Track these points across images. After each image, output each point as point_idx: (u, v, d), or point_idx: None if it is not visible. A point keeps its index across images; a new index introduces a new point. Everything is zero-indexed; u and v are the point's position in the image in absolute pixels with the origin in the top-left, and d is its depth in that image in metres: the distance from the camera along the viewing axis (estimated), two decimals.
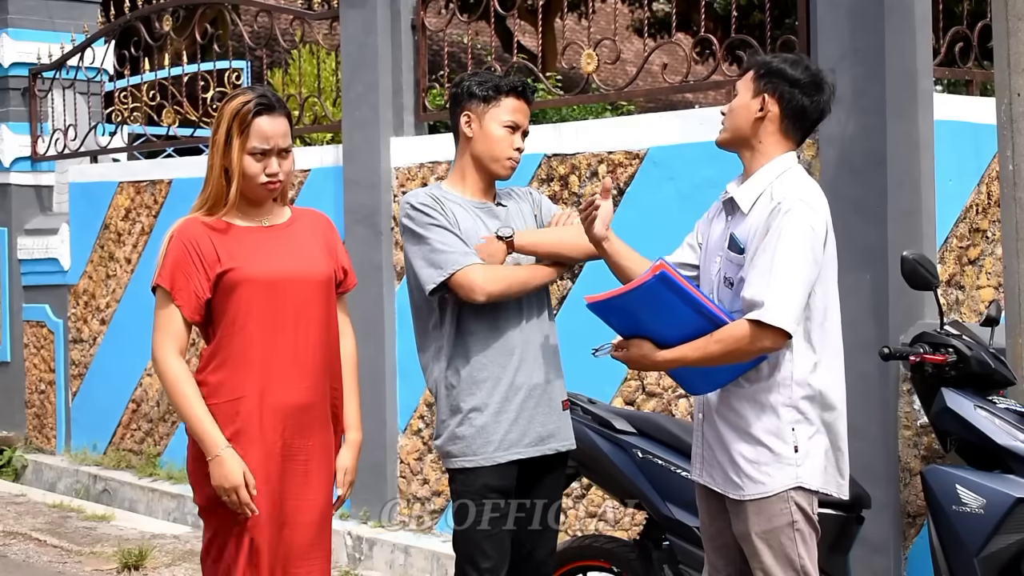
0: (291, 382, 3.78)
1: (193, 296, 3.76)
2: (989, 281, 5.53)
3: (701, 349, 3.54)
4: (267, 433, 3.74)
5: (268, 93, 3.82)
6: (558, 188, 6.27)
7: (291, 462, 3.78)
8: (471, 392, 3.97)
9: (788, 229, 3.50)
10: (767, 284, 3.48)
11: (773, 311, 3.46)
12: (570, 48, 15.90)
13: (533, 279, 4.02)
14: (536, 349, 4.04)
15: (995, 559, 3.98)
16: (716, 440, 3.68)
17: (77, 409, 9.29)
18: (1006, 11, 4.45)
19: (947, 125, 5.30)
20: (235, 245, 3.78)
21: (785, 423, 3.58)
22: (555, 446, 4.07)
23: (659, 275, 3.46)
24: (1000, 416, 4.12)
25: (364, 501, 6.89)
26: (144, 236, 8.69)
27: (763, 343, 3.50)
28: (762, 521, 3.59)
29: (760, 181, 3.65)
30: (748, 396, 3.62)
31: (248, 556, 3.71)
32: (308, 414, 3.81)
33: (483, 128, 4.06)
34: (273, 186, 3.80)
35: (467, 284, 3.90)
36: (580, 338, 5.72)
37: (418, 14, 7.03)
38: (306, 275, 3.83)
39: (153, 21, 8.99)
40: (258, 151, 3.75)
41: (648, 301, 3.52)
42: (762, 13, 7.87)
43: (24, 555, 7.17)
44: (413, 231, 3.99)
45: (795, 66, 3.69)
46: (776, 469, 3.58)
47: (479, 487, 3.95)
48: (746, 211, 3.63)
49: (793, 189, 3.59)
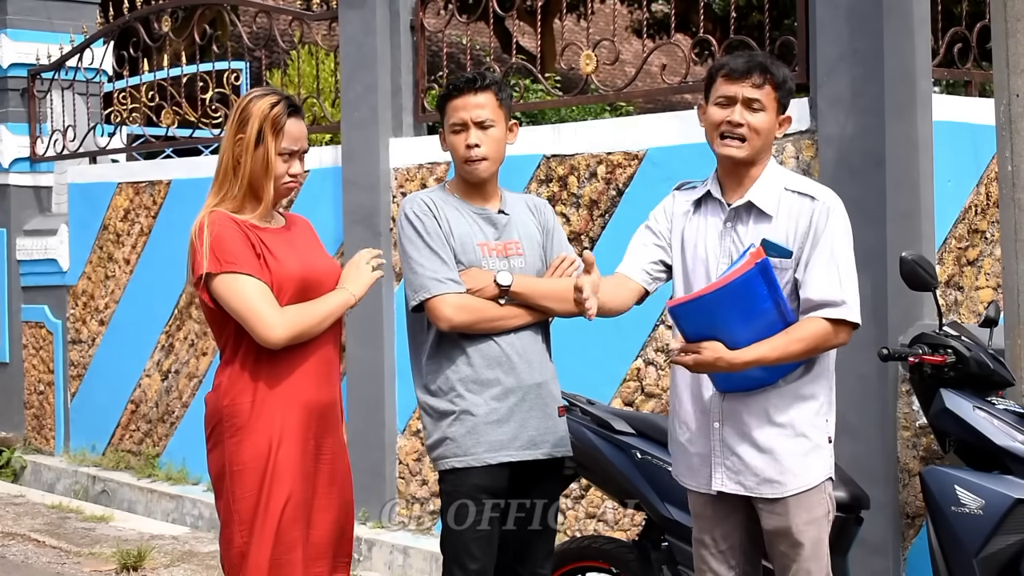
0: (321, 380, 3.81)
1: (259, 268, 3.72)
2: (988, 282, 5.54)
3: (781, 348, 3.56)
4: (302, 432, 3.75)
5: (292, 97, 3.89)
6: (557, 189, 6.27)
7: (319, 462, 3.80)
8: (462, 394, 3.95)
9: (838, 227, 3.63)
10: (837, 282, 3.58)
11: (852, 308, 3.59)
12: (569, 49, 15.89)
13: (506, 321, 3.98)
14: (529, 352, 4.02)
15: (994, 560, 3.98)
16: (746, 443, 3.66)
17: (76, 410, 9.29)
18: (1005, 12, 4.45)
19: (946, 126, 5.30)
20: (264, 244, 3.79)
21: (821, 414, 3.67)
22: (549, 451, 4.03)
23: (760, 264, 3.46)
24: (999, 417, 4.12)
25: (363, 502, 6.88)
26: (143, 237, 8.69)
27: (841, 339, 3.63)
28: (803, 513, 3.64)
29: (771, 184, 3.69)
30: (789, 392, 3.65)
31: (274, 551, 3.69)
32: (333, 412, 3.86)
33: (447, 142, 4.07)
34: (292, 186, 3.86)
35: (434, 312, 3.91)
36: (580, 339, 5.72)
37: (417, 15, 7.03)
38: (327, 273, 3.88)
39: (152, 22, 8.99)
40: (286, 152, 3.80)
41: (740, 295, 3.49)
42: (761, 14, 7.87)
43: (23, 556, 7.17)
44: (402, 243, 4.01)
45: (792, 80, 3.77)
46: (815, 460, 3.65)
47: (469, 488, 3.93)
48: (773, 214, 3.66)
49: (824, 190, 3.70)
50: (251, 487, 3.69)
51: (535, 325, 4.04)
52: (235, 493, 3.71)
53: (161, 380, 8.55)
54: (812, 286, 3.59)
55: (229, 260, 3.69)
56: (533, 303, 4.00)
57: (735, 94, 3.66)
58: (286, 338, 3.70)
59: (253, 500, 3.69)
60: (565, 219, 6.20)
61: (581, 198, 6.16)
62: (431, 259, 3.93)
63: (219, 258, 3.69)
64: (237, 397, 3.74)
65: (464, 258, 3.98)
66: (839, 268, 3.59)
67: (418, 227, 3.96)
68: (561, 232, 4.22)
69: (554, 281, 4.06)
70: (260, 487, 3.69)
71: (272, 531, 3.68)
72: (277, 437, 3.70)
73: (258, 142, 3.77)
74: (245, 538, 3.69)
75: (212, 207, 3.80)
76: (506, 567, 4.03)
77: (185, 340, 8.37)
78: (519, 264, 4.04)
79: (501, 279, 3.95)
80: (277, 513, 3.68)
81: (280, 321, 3.69)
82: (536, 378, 4.01)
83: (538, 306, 4.01)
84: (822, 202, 3.64)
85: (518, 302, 3.98)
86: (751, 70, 3.66)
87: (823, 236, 3.60)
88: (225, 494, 3.74)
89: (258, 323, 3.68)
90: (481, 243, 4.01)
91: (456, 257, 3.97)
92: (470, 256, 3.99)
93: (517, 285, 3.97)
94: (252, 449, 3.70)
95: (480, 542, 3.92)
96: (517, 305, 3.98)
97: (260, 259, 3.73)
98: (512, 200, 4.16)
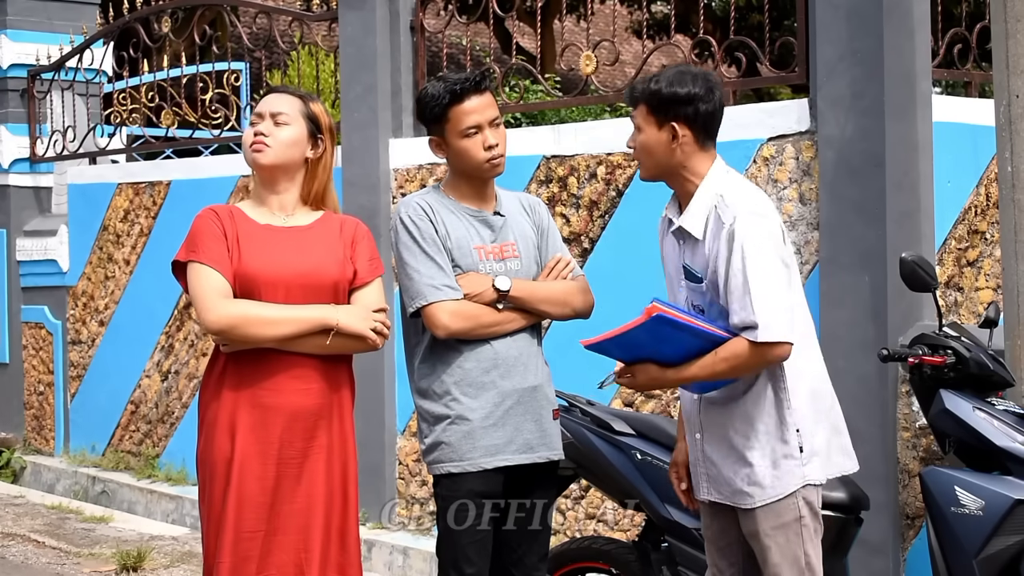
0: (293, 384, 3.79)
1: (229, 267, 3.75)
2: (988, 283, 5.53)
3: (708, 368, 3.57)
4: (272, 436, 3.76)
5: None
6: (557, 189, 6.27)
7: (288, 467, 3.79)
8: (457, 397, 3.91)
9: (749, 245, 3.53)
10: (750, 306, 3.51)
11: (768, 330, 3.51)
12: (569, 50, 15.89)
13: (503, 326, 3.93)
14: (524, 356, 3.98)
15: (994, 561, 3.98)
16: (721, 455, 3.69)
17: (76, 410, 9.28)
18: (1005, 12, 4.45)
19: (946, 127, 5.30)
20: (246, 240, 3.79)
21: (789, 426, 3.62)
22: (545, 454, 4.00)
23: (653, 318, 3.51)
24: (999, 418, 4.12)
25: (363, 502, 6.81)
26: (143, 237, 8.69)
27: (768, 358, 3.55)
28: (771, 519, 3.63)
29: (703, 203, 3.65)
30: (750, 406, 3.64)
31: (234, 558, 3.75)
32: (311, 417, 3.81)
33: (451, 148, 3.97)
34: (257, 147, 3.87)
35: (431, 320, 3.87)
36: (579, 340, 5.72)
37: (417, 15, 7.03)
38: (306, 277, 3.82)
39: (152, 22, 8.99)
40: (256, 118, 3.92)
41: (646, 337, 3.57)
42: (761, 15, 7.88)
43: (23, 556, 7.16)
44: (398, 248, 3.95)
45: (680, 83, 3.64)
46: (784, 472, 3.62)
47: (464, 492, 3.89)
48: (700, 237, 3.64)
49: (739, 203, 3.59)
50: (206, 483, 3.81)
51: (530, 328, 4.01)
52: (200, 486, 3.86)
53: (161, 381, 8.55)
54: (731, 311, 3.56)
55: (193, 250, 3.78)
56: (530, 307, 3.98)
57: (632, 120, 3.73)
58: (220, 324, 3.69)
59: (207, 495, 3.80)
60: (565, 220, 6.20)
61: (581, 199, 6.16)
62: (427, 265, 3.89)
63: (186, 248, 3.80)
64: (203, 394, 3.87)
65: (461, 262, 3.94)
66: (751, 290, 3.51)
67: (414, 232, 3.92)
68: (555, 231, 4.16)
69: (550, 284, 4.03)
70: (212, 483, 3.78)
71: (227, 527, 3.74)
72: (230, 437, 3.75)
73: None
74: (203, 528, 3.83)
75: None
76: (501, 570, 4.02)
77: (185, 340, 8.38)
78: (515, 266, 4.00)
79: (499, 284, 3.92)
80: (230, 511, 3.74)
81: (219, 306, 3.69)
82: (531, 381, 3.98)
83: (535, 310, 3.99)
84: (727, 224, 3.55)
85: (515, 306, 3.96)
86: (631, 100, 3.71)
87: (732, 259, 3.54)
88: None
89: (200, 307, 3.72)
90: (478, 246, 3.96)
91: (453, 261, 3.93)
92: (467, 260, 3.94)
93: (515, 289, 3.94)
94: (205, 446, 3.81)
95: (476, 546, 3.90)
96: (514, 309, 3.96)
97: (229, 252, 3.76)
98: (507, 200, 4.11)
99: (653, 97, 3.64)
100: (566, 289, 4.02)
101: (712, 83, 3.68)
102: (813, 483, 3.65)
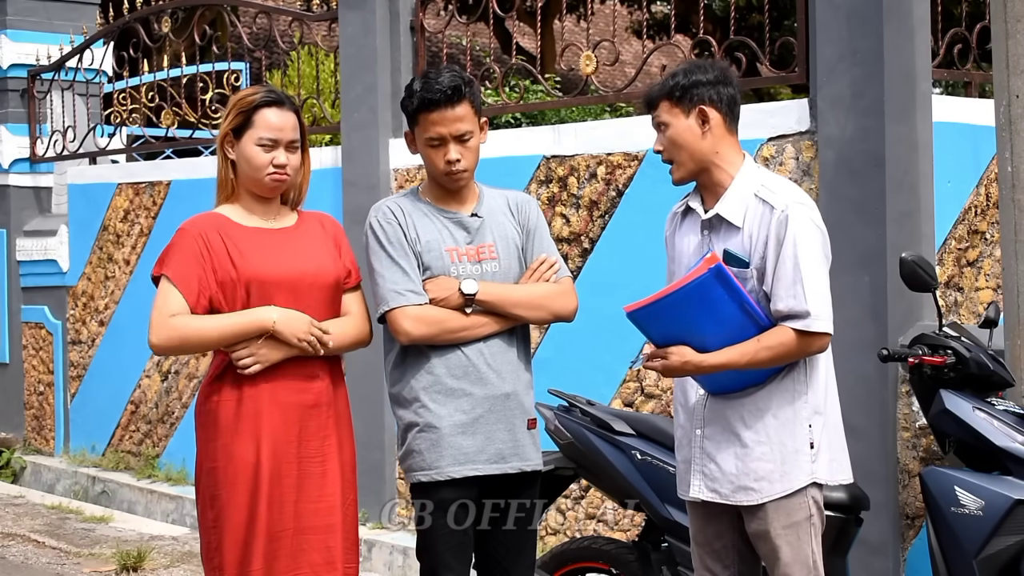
0: (301, 384, 3.80)
1: (196, 283, 3.73)
2: (988, 283, 5.54)
3: (750, 355, 3.55)
4: (291, 435, 3.76)
5: (275, 90, 3.88)
6: (557, 190, 6.27)
7: (307, 464, 3.80)
8: (426, 404, 3.83)
9: (801, 235, 3.55)
10: (802, 294, 3.53)
11: (820, 320, 3.54)
12: (569, 50, 15.90)
13: (471, 331, 3.82)
14: (499, 361, 3.86)
15: (993, 561, 3.98)
16: (725, 450, 3.67)
17: (76, 410, 9.29)
18: (1005, 13, 4.45)
19: (946, 127, 5.30)
20: (245, 244, 3.78)
21: (803, 420, 3.63)
22: (518, 465, 3.86)
23: (714, 269, 3.44)
24: (998, 418, 4.12)
25: (363, 502, 6.82)
26: (143, 237, 8.69)
27: (816, 347, 3.58)
28: (782, 517, 3.62)
29: (741, 192, 3.66)
30: (762, 398, 3.63)
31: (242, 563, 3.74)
32: (318, 415, 3.83)
33: (419, 149, 3.95)
34: (280, 178, 3.81)
35: (393, 325, 3.81)
36: (579, 340, 5.72)
37: (417, 15, 7.03)
38: (314, 277, 3.84)
39: (152, 23, 8.99)
40: (266, 141, 3.77)
41: (697, 300, 3.48)
42: (761, 15, 7.88)
43: (23, 556, 7.17)
44: (367, 253, 3.91)
45: (699, 69, 3.69)
46: (794, 467, 3.62)
47: (437, 501, 3.83)
48: (740, 225, 3.63)
49: (785, 193, 3.62)
50: (221, 488, 3.78)
51: (508, 332, 3.89)
52: (209, 492, 3.81)
53: (161, 381, 8.55)
54: (777, 298, 3.56)
55: (165, 264, 3.78)
56: (502, 311, 3.85)
57: (655, 124, 3.74)
58: (160, 344, 3.74)
59: (224, 501, 3.77)
60: (565, 220, 6.20)
61: (581, 199, 6.16)
62: (391, 270, 3.82)
63: (159, 260, 3.81)
64: (199, 396, 3.87)
65: (432, 265, 3.85)
66: (803, 278, 3.52)
67: (380, 237, 3.87)
68: (544, 231, 4.01)
69: (526, 287, 3.90)
70: (233, 488, 3.75)
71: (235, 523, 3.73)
72: (253, 439, 3.74)
73: (238, 134, 3.80)
74: (213, 536, 3.80)
75: (215, 207, 3.84)
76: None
77: None
78: (492, 268, 3.88)
79: (465, 287, 3.80)
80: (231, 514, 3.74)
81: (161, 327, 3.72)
82: (505, 388, 3.85)
83: (508, 314, 3.85)
84: (779, 210, 3.56)
85: (486, 310, 3.84)
86: (649, 103, 3.73)
87: (784, 246, 3.54)
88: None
89: (149, 326, 3.75)
90: (450, 248, 3.86)
91: (424, 264, 3.85)
92: (438, 263, 3.84)
93: (483, 293, 3.81)
94: (221, 450, 3.79)
95: (454, 551, 3.85)
96: (484, 313, 3.84)
97: (229, 258, 3.74)
98: (490, 199, 3.98)
99: (675, 90, 3.67)
100: (545, 292, 3.90)
101: (726, 69, 3.74)
102: (820, 481, 3.66)
